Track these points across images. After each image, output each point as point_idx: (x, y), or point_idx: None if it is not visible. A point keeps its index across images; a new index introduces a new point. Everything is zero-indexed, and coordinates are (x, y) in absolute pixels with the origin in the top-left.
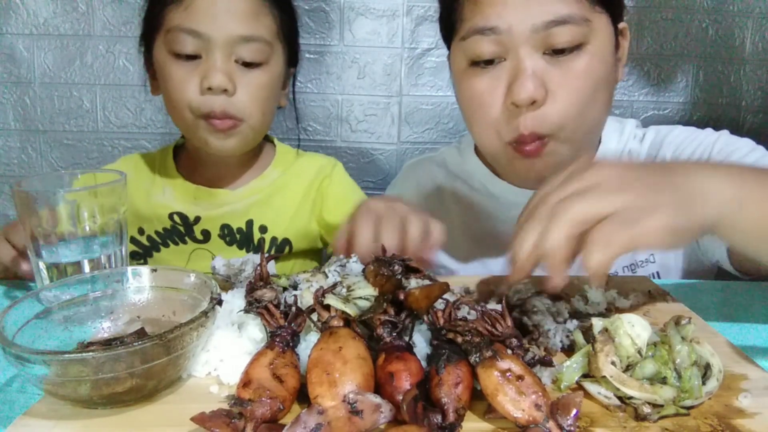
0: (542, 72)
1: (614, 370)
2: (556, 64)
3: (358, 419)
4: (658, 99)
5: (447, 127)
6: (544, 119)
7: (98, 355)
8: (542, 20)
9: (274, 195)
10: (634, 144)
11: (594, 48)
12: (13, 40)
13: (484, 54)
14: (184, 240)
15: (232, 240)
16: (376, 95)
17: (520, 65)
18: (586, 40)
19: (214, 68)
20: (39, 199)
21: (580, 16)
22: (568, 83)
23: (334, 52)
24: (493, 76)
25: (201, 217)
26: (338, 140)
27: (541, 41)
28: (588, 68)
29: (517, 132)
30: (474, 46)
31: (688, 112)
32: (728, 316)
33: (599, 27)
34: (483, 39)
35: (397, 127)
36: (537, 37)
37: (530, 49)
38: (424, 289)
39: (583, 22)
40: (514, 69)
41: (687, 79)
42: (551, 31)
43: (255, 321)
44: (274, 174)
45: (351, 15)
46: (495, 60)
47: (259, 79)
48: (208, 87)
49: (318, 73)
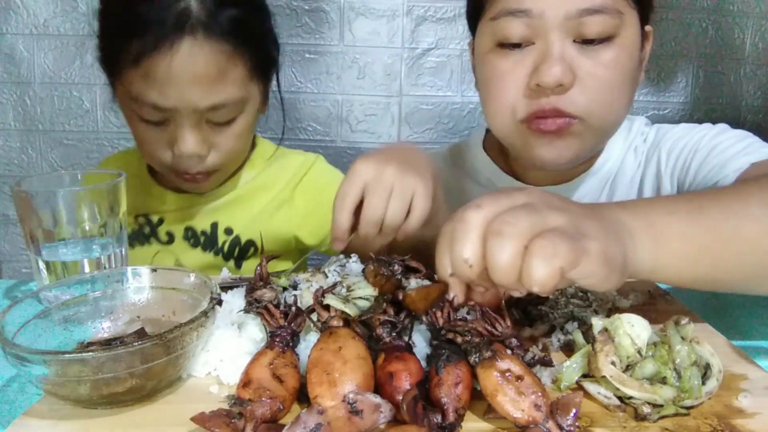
0: (571, 58)
1: (614, 370)
2: (584, 52)
3: (357, 419)
4: (658, 99)
5: (447, 127)
6: (569, 101)
7: (98, 355)
8: (576, 7)
9: (244, 197)
10: (639, 141)
11: (623, 41)
12: (13, 40)
13: (513, 36)
14: (148, 241)
15: (196, 242)
16: (376, 95)
17: (549, 49)
18: (617, 33)
19: (184, 138)
20: (39, 199)
21: (613, 8)
22: (596, 72)
23: (334, 52)
24: (518, 58)
25: (164, 219)
26: (338, 140)
27: (573, 29)
28: (616, 60)
29: (536, 107)
30: (503, 26)
31: (688, 112)
32: (728, 316)
33: (630, 22)
34: (514, 20)
35: (397, 127)
36: (569, 24)
37: (561, 34)
38: (421, 291)
39: (616, 13)
40: (542, 52)
41: (687, 79)
42: (584, 20)
43: (255, 321)
44: (247, 176)
45: (351, 15)
46: (522, 44)
47: (234, 131)
48: (179, 155)
49: (318, 73)
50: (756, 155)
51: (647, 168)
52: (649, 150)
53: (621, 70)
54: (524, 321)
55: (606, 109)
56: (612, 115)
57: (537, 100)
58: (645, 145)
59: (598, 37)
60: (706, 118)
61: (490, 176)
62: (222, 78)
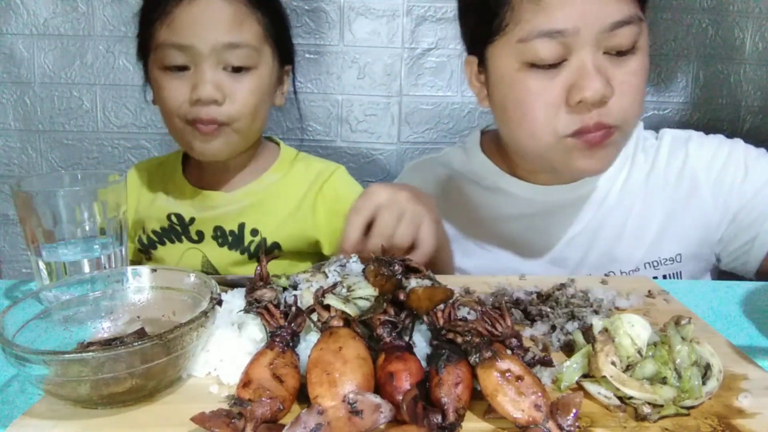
0: (605, 70)
1: (614, 370)
2: (615, 63)
3: (358, 419)
4: (658, 99)
5: (447, 127)
6: (609, 113)
7: (98, 355)
8: (609, 21)
9: (269, 199)
10: (646, 143)
11: (643, 46)
12: (13, 40)
13: (548, 57)
14: (180, 239)
15: (224, 241)
16: (376, 95)
17: (585, 65)
18: (639, 39)
19: (202, 80)
20: (39, 199)
21: (636, 16)
22: (629, 81)
23: (334, 52)
24: (550, 76)
25: (195, 219)
26: (338, 140)
27: (604, 41)
28: (642, 66)
29: (581, 123)
30: (537, 48)
31: (688, 112)
32: (728, 316)
33: (645, 25)
34: (548, 42)
35: (397, 127)
36: (601, 38)
37: (594, 48)
38: (427, 290)
39: (638, 21)
40: (577, 69)
41: (687, 79)
42: (615, 32)
43: (255, 321)
44: (271, 178)
45: (351, 15)
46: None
47: (248, 84)
48: (197, 99)
49: (318, 73)
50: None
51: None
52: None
53: (645, 74)
54: (524, 321)
55: (637, 114)
56: (638, 118)
57: (579, 116)
58: (659, 151)
59: (627, 48)
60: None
61: (495, 179)
62: (238, 23)
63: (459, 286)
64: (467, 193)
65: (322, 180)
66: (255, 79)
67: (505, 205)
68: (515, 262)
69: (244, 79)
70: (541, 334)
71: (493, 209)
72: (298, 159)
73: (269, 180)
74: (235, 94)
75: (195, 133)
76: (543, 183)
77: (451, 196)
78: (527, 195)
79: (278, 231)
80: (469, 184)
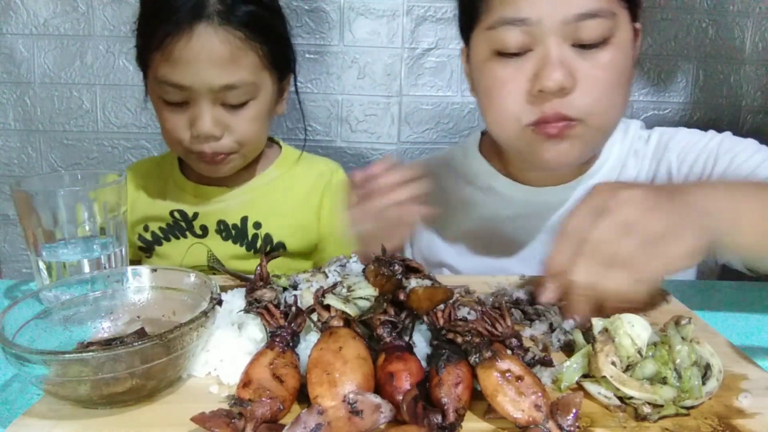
0: (570, 62)
1: (614, 370)
2: (583, 55)
3: (358, 419)
4: (658, 99)
5: (447, 127)
6: (571, 104)
7: (98, 355)
8: (573, 13)
9: (271, 194)
10: (639, 145)
11: (618, 41)
12: (13, 40)
13: (512, 44)
14: (184, 234)
15: (228, 235)
16: (376, 95)
17: (548, 55)
18: (612, 34)
19: (201, 118)
20: (39, 199)
21: (607, 10)
22: (595, 74)
23: (334, 52)
24: (517, 66)
25: (199, 213)
26: (338, 140)
27: (570, 33)
28: (613, 61)
29: (540, 113)
30: (502, 36)
31: (688, 112)
32: (728, 316)
33: (622, 21)
34: (512, 29)
35: (397, 127)
36: (566, 29)
37: (559, 39)
38: (427, 290)
39: (610, 15)
40: (541, 58)
41: (687, 79)
42: (581, 24)
43: (255, 321)
44: (273, 174)
45: (351, 15)
46: (521, 51)
47: (247, 114)
48: (196, 135)
49: (318, 73)
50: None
51: (657, 171)
52: (655, 153)
53: (618, 70)
54: (524, 321)
55: (606, 109)
56: (611, 114)
57: (540, 106)
58: (647, 147)
59: (595, 41)
60: (706, 118)
61: (489, 180)
62: (235, 61)
63: (459, 286)
64: (464, 193)
65: (326, 178)
66: (254, 108)
67: (500, 207)
68: (512, 264)
69: (242, 111)
70: (541, 334)
71: (488, 210)
72: (301, 158)
73: (271, 176)
74: (233, 127)
75: (201, 160)
76: (536, 183)
77: (449, 196)
78: (519, 196)
79: (281, 226)
80: (466, 185)
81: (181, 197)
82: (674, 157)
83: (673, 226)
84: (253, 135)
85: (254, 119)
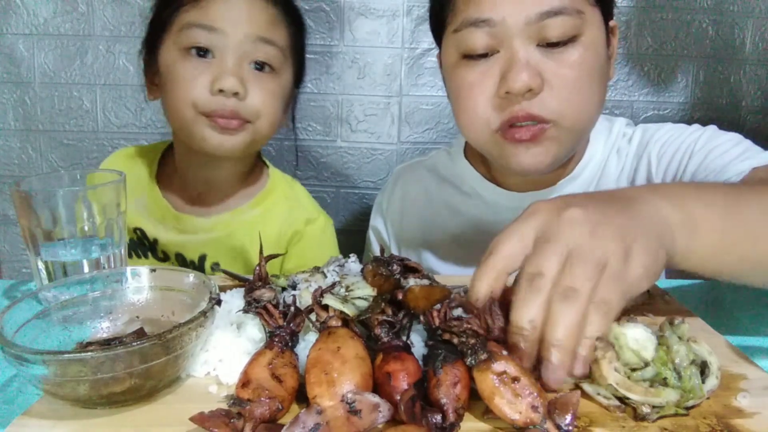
0: (536, 62)
1: (619, 376)
2: (550, 55)
3: (356, 419)
4: (658, 99)
5: (447, 127)
6: (541, 105)
7: (97, 355)
8: (536, 11)
9: (238, 234)
10: (623, 143)
11: (587, 40)
12: (13, 40)
13: (477, 47)
14: (146, 255)
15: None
16: (376, 95)
17: (514, 56)
18: (580, 32)
19: (227, 70)
20: (39, 199)
21: (573, 8)
22: (563, 73)
23: (334, 52)
24: (484, 68)
25: (158, 240)
26: (338, 140)
27: (535, 33)
28: (582, 60)
29: (509, 115)
30: (467, 38)
31: (688, 112)
32: (727, 315)
33: (592, 20)
34: (476, 31)
35: (397, 127)
36: (531, 29)
37: (524, 40)
38: (424, 289)
39: (576, 13)
40: (507, 60)
41: (687, 79)
42: (545, 23)
43: (254, 321)
44: (248, 214)
45: (351, 15)
46: (488, 53)
47: (270, 84)
48: (219, 89)
49: (318, 73)
50: (756, 160)
51: (637, 170)
52: (637, 151)
53: (588, 69)
54: None
55: (577, 109)
56: (584, 114)
57: (509, 108)
58: (630, 146)
59: (561, 39)
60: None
61: (473, 184)
62: (272, 24)
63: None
64: (449, 198)
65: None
66: (276, 81)
67: (485, 212)
68: None
69: (266, 78)
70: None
71: (472, 215)
72: (285, 195)
73: (246, 215)
74: (257, 90)
75: (212, 125)
76: (518, 189)
77: (434, 200)
78: (503, 201)
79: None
80: (452, 189)
81: (148, 213)
82: (654, 154)
83: (623, 245)
84: (271, 109)
85: (275, 93)
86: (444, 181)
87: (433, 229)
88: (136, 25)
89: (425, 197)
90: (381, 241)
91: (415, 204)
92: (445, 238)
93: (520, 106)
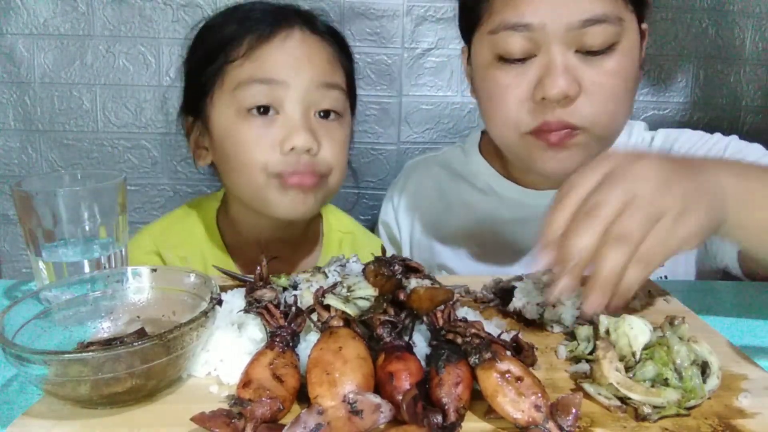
0: (574, 69)
1: (620, 376)
2: (588, 62)
3: (357, 419)
4: (658, 99)
5: (447, 127)
6: (575, 112)
7: (98, 355)
8: (578, 18)
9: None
10: (643, 147)
11: (625, 47)
12: (13, 40)
13: (515, 50)
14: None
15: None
16: (376, 95)
17: (552, 61)
18: (618, 40)
19: (297, 125)
20: (39, 199)
21: (614, 16)
22: (601, 81)
23: None
24: (520, 71)
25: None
26: None
27: (575, 39)
28: (620, 67)
29: (542, 121)
30: (504, 41)
31: (688, 112)
32: (728, 316)
33: (630, 26)
34: (514, 35)
35: (397, 127)
36: (570, 35)
37: (563, 46)
38: (428, 290)
39: (617, 21)
40: (545, 65)
41: (687, 79)
42: (586, 30)
43: (255, 321)
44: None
45: (351, 15)
46: (524, 57)
47: (338, 133)
48: (291, 147)
49: None
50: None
51: None
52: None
53: (624, 76)
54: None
55: (611, 117)
56: (616, 122)
57: (542, 114)
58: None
59: (601, 48)
60: (706, 118)
61: (489, 180)
62: (332, 64)
63: (459, 286)
64: (463, 194)
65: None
66: (343, 127)
67: (499, 208)
68: (511, 267)
69: (333, 127)
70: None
71: (487, 212)
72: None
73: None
74: (327, 140)
75: (285, 187)
76: (535, 186)
77: (447, 196)
78: (518, 198)
79: None
80: (465, 185)
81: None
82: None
83: (683, 205)
84: (342, 159)
85: (344, 141)
86: (457, 177)
87: (446, 225)
88: (136, 25)
89: (438, 192)
90: (391, 237)
91: (427, 199)
92: (458, 233)
93: (554, 114)
